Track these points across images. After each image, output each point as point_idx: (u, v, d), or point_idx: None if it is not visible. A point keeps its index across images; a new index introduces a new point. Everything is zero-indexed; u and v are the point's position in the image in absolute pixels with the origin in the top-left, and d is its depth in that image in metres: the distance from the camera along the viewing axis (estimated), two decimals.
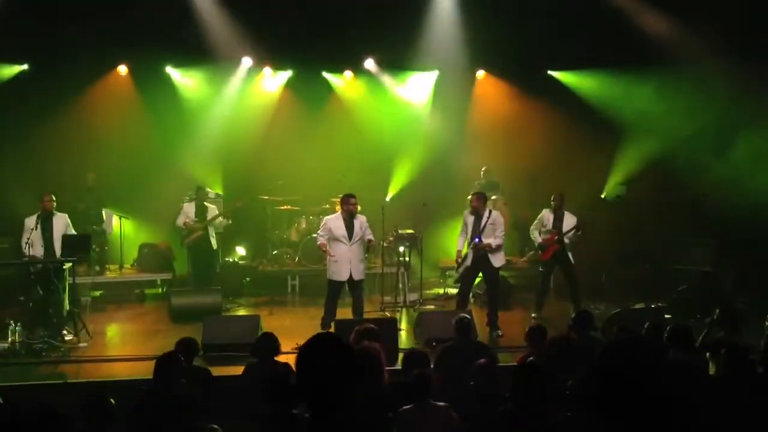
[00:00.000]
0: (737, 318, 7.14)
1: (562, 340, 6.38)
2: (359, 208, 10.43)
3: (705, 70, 12.88)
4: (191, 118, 14.57)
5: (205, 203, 12.60)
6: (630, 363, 2.36)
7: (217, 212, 12.50)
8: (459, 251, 10.77)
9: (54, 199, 10.71)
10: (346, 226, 10.20)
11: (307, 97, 15.13)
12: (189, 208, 12.46)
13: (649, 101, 13.99)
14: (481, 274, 10.81)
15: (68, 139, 13.64)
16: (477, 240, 10.39)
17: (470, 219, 10.56)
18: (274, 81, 15.33)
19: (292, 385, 5.32)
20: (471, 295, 11.34)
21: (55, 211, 10.67)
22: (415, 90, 15.52)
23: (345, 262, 10.16)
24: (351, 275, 10.19)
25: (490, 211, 10.59)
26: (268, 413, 5.18)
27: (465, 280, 10.72)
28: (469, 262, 10.52)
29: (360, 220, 10.31)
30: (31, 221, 10.36)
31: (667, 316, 9.68)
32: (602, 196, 14.69)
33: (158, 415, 4.94)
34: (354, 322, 9.54)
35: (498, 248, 10.48)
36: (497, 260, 10.55)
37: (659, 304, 10.54)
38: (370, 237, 10.38)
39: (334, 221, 10.32)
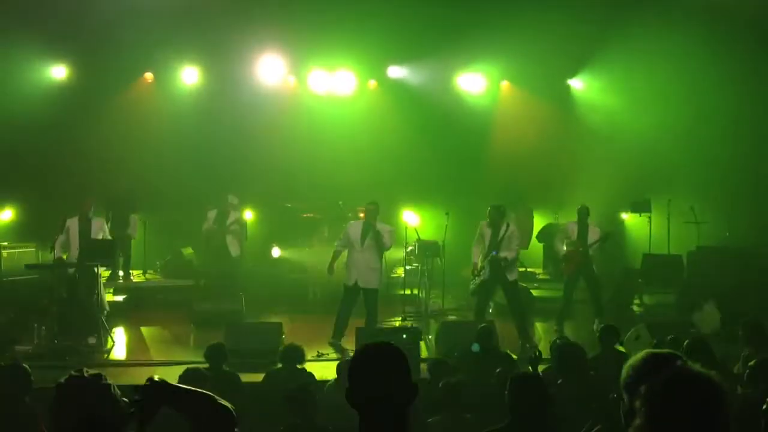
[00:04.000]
0: (763, 333, 7.03)
1: (573, 350, 6.30)
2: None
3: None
4: (216, 125, 14.67)
5: (229, 210, 12.65)
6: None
7: (236, 218, 12.53)
8: (475, 263, 10.68)
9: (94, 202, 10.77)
10: (361, 232, 10.27)
11: (331, 103, 15.23)
12: (212, 215, 12.54)
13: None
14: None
15: (101, 144, 13.78)
16: (495, 253, 10.34)
17: (488, 231, 10.50)
18: (299, 86, 15.45)
19: (313, 397, 5.32)
20: (491, 306, 11.35)
21: (93, 216, 10.76)
22: (438, 98, 15.56)
23: (353, 266, 10.27)
24: (357, 281, 10.20)
25: (508, 225, 10.50)
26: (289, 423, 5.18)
27: (482, 293, 10.66)
28: (486, 275, 10.47)
29: (377, 228, 10.28)
30: (73, 223, 10.45)
31: (692, 330, 9.56)
32: (623, 215, 14.60)
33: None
34: (376, 331, 9.57)
35: (512, 261, 10.42)
36: (512, 274, 10.48)
37: (685, 318, 10.43)
38: (385, 238, 10.31)
39: (354, 227, 10.44)
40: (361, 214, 10.97)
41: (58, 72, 14.38)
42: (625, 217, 15.10)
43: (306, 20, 13.52)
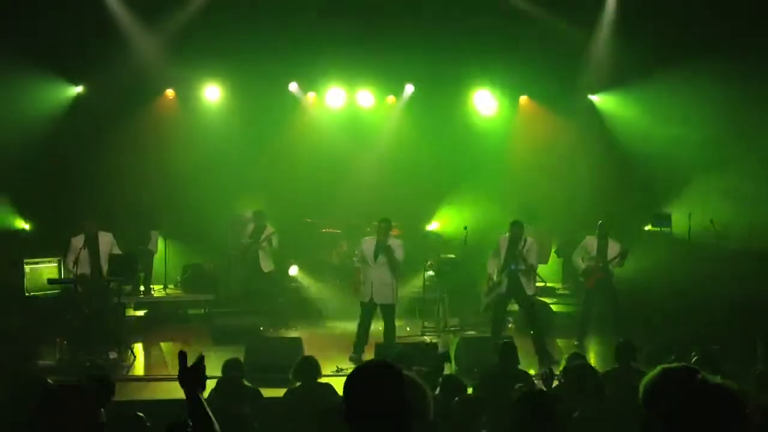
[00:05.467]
0: None
1: (581, 368, 6.27)
2: (396, 232, 10.48)
3: None
4: (236, 141, 14.78)
5: (266, 225, 12.70)
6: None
7: (270, 233, 12.58)
8: (490, 275, 10.68)
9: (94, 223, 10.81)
10: (374, 249, 10.29)
11: (350, 120, 15.32)
12: (250, 228, 12.63)
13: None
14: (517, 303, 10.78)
15: (121, 159, 13.93)
16: (513, 267, 10.30)
17: (505, 245, 10.47)
18: (318, 103, 15.56)
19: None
20: (510, 321, 11.29)
21: (99, 231, 10.82)
22: (456, 114, 15.62)
23: (368, 283, 10.28)
24: (372, 297, 10.23)
25: (526, 239, 10.48)
26: None
27: (498, 307, 10.64)
28: (503, 289, 10.45)
29: (388, 244, 10.31)
30: (78, 241, 10.48)
31: (714, 346, 9.48)
32: (646, 228, 14.51)
33: None
34: (395, 347, 9.56)
35: (529, 274, 10.40)
36: (529, 288, 10.46)
37: (702, 334, 10.33)
38: (397, 253, 10.30)
39: (368, 243, 10.46)
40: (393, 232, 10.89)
41: (79, 88, 14.55)
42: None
43: (325, 40, 13.61)
